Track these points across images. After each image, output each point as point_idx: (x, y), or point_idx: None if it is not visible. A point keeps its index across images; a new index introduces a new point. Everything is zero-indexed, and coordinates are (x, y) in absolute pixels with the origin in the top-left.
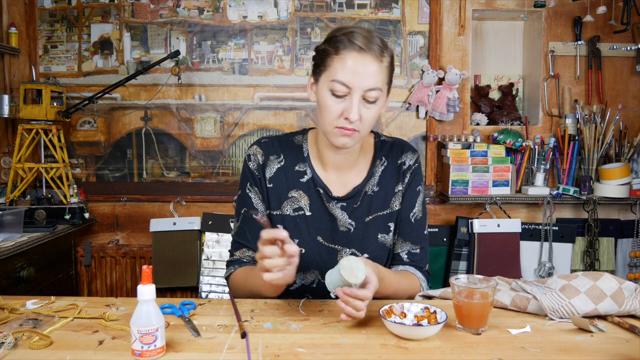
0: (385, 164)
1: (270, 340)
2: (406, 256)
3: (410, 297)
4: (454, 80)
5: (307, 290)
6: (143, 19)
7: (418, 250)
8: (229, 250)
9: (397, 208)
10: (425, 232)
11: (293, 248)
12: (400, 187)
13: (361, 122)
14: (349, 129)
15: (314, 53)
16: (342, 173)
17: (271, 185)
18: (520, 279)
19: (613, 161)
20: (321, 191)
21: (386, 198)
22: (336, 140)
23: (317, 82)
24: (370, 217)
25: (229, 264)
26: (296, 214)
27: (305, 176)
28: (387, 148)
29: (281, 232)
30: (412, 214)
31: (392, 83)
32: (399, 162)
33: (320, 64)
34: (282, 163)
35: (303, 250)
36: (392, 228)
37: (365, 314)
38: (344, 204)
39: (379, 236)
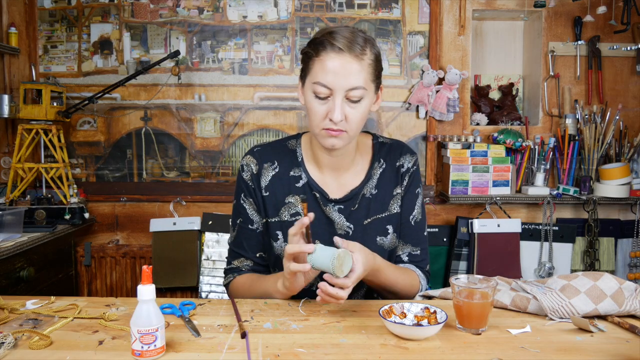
0: (384, 166)
1: (270, 340)
2: (407, 257)
3: (409, 293)
4: (454, 80)
5: (307, 294)
6: (143, 19)
7: (419, 252)
8: (227, 258)
9: (395, 211)
10: (425, 233)
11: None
12: (398, 190)
13: (347, 122)
14: (335, 129)
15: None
16: (339, 174)
17: (267, 193)
18: (520, 279)
19: (613, 161)
20: (317, 195)
21: (385, 201)
22: (324, 142)
23: (303, 85)
24: (369, 220)
25: (228, 271)
26: (294, 219)
27: (301, 181)
28: (386, 150)
29: (304, 219)
30: (412, 216)
31: (385, 81)
32: (398, 164)
33: (305, 66)
34: (277, 170)
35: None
36: (390, 231)
37: (344, 301)
38: (341, 206)
39: (378, 239)
